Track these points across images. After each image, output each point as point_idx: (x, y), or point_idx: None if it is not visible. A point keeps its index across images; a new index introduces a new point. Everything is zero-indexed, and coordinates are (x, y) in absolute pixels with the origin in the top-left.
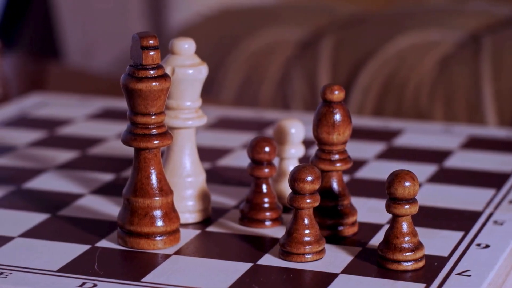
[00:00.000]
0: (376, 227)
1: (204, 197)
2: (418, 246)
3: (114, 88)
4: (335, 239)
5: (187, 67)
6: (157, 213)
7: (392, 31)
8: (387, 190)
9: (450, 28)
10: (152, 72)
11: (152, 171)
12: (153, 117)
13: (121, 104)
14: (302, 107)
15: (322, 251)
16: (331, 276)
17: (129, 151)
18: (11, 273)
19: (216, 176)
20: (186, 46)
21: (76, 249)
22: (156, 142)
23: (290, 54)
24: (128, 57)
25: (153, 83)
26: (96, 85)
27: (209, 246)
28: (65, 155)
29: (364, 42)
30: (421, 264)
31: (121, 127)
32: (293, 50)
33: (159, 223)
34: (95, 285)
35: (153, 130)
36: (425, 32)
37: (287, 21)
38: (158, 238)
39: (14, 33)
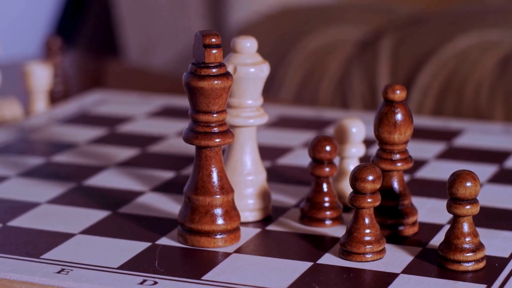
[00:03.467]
0: (436, 227)
1: (264, 196)
2: (479, 246)
3: (173, 86)
4: (396, 239)
5: (249, 66)
6: (218, 211)
7: (451, 31)
8: (448, 190)
9: (509, 27)
10: (214, 70)
11: (213, 169)
12: (215, 115)
13: (181, 102)
14: (361, 106)
15: (383, 250)
16: (391, 276)
17: (190, 149)
18: (72, 270)
19: (276, 175)
20: (248, 45)
21: (136, 247)
22: (217, 140)
23: (349, 54)
24: (186, 55)
25: (215, 81)
26: (155, 83)
27: (269, 244)
28: (126, 153)
29: (424, 41)
30: (481, 265)
31: (181, 125)
32: (353, 50)
33: (220, 221)
34: (155, 282)
35: (215, 129)
36: (485, 32)
37: (346, 20)
38: (218, 236)
39: (74, 31)
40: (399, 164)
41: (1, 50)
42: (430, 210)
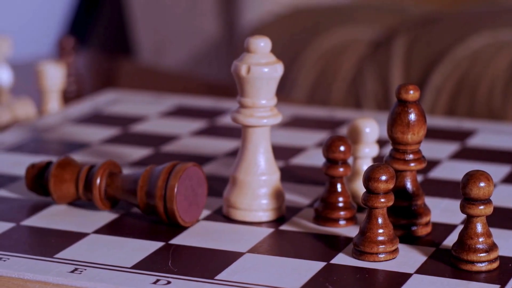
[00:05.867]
0: (450, 228)
1: (278, 196)
2: (493, 247)
3: (186, 85)
4: (409, 239)
5: (263, 65)
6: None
7: (464, 31)
8: (461, 191)
9: None
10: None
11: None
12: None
13: (194, 101)
14: (374, 106)
15: (396, 250)
16: (405, 276)
17: (202, 148)
18: (85, 269)
19: (290, 175)
20: (262, 45)
21: (150, 246)
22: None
23: (362, 54)
24: (199, 54)
25: None
26: (168, 83)
27: (283, 244)
28: (139, 152)
29: (437, 42)
30: (495, 265)
31: (194, 124)
32: (366, 50)
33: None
34: (169, 282)
35: None
36: (498, 32)
37: (359, 20)
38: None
39: (87, 31)
40: (412, 164)
41: (12, 50)
42: (443, 210)
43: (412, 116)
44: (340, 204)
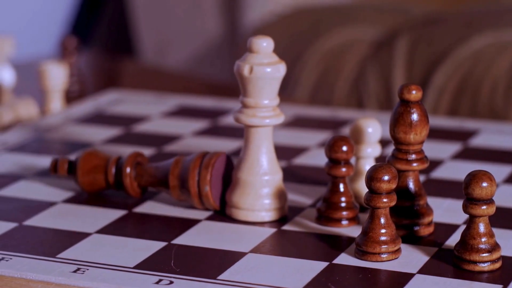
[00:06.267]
0: (452, 228)
1: (281, 196)
2: (495, 247)
3: (189, 85)
4: (411, 239)
5: (265, 65)
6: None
7: (467, 31)
8: (464, 191)
9: None
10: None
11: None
12: None
13: (196, 101)
14: (377, 106)
15: (398, 250)
16: (407, 276)
17: (204, 148)
18: (88, 269)
19: (292, 175)
20: (264, 45)
21: (152, 246)
22: None
23: (365, 54)
24: (201, 54)
25: None
26: (170, 83)
27: (285, 244)
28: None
29: (439, 42)
30: (497, 265)
31: (197, 124)
32: (368, 50)
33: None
34: (171, 282)
35: None
36: (500, 32)
37: (362, 20)
38: None
39: (89, 31)
40: (414, 164)
41: (14, 50)
42: (446, 210)
43: (415, 116)
44: (343, 204)
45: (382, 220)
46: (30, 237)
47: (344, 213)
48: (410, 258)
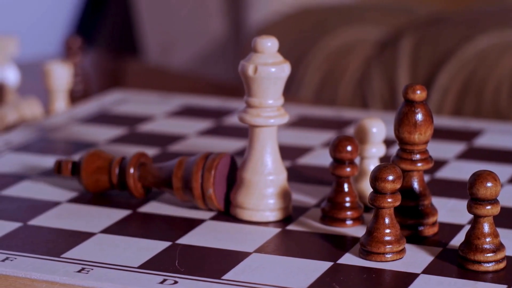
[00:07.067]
0: (456, 228)
1: (285, 196)
2: (500, 247)
3: (193, 85)
4: (416, 239)
5: (270, 65)
6: None
7: (471, 31)
8: (468, 191)
9: None
10: None
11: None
12: None
13: (201, 101)
14: (381, 106)
15: (403, 250)
16: (412, 276)
17: (209, 148)
18: (92, 269)
19: (297, 175)
20: (269, 44)
21: (157, 246)
22: None
23: (369, 54)
24: (206, 54)
25: None
26: (175, 83)
27: (290, 244)
28: (146, 152)
29: (444, 42)
30: (502, 265)
31: (201, 124)
32: (372, 50)
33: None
34: (176, 282)
35: None
36: (505, 32)
37: (366, 20)
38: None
39: (94, 30)
40: (419, 164)
41: (18, 50)
42: (450, 210)
43: (419, 116)
44: (347, 204)
45: (387, 220)
46: (34, 237)
47: (349, 213)
48: (415, 258)
